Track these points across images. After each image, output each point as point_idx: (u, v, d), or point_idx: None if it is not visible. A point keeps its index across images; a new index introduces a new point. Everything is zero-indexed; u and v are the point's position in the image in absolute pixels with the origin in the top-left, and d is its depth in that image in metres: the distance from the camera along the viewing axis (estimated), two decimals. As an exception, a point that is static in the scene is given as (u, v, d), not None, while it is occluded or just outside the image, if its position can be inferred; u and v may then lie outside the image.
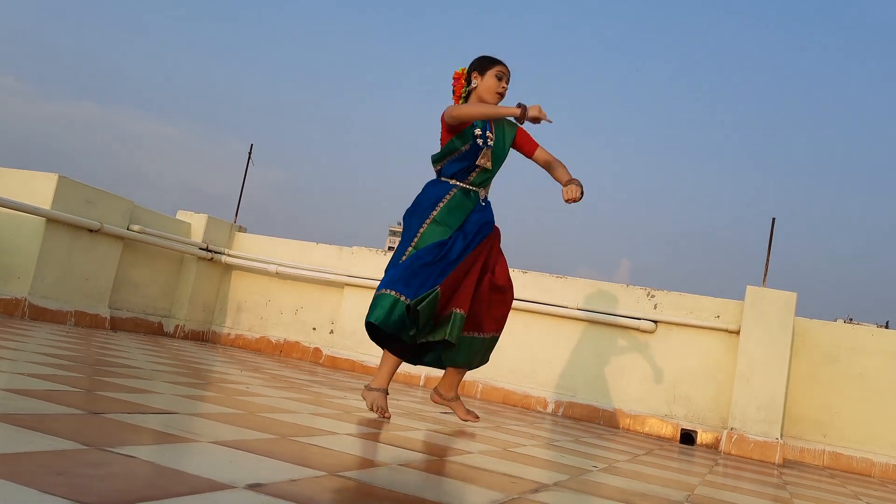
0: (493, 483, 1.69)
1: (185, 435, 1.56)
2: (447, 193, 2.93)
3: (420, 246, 2.84)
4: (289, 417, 2.19)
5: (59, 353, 2.86)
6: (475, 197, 2.97)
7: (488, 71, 2.98)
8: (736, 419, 4.45)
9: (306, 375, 4.29)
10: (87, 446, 1.25)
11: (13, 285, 4.80)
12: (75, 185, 5.05)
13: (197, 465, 1.29)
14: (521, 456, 2.33)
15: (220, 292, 6.52)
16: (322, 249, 6.28)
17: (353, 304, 5.92)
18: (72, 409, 1.61)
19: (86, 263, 5.21)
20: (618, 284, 5.24)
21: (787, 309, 4.54)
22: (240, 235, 6.59)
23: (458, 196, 2.93)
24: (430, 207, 2.91)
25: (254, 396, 2.62)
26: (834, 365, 4.73)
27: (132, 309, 5.82)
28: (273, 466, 1.37)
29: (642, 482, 2.21)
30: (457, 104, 2.96)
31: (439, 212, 2.89)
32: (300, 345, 6.11)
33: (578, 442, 3.25)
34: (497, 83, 2.97)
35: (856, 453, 4.53)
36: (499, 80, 2.97)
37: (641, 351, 5.00)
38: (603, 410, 4.93)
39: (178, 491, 1.06)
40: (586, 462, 2.51)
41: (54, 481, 0.98)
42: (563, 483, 1.89)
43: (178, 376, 2.88)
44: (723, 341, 4.84)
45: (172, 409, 1.95)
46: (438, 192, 2.94)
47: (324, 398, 3.08)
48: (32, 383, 1.91)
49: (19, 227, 4.84)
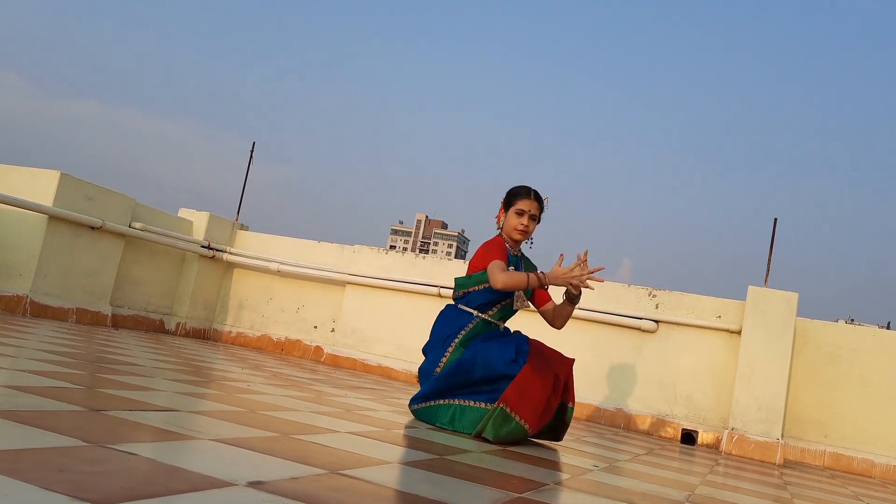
0: (493, 482, 1.69)
1: (186, 432, 1.56)
2: (468, 323, 2.91)
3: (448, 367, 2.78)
4: (290, 415, 2.19)
5: (61, 350, 2.86)
6: (496, 328, 2.97)
7: (511, 208, 2.99)
8: (737, 419, 4.45)
9: (307, 373, 4.29)
10: (89, 443, 1.25)
11: (15, 282, 4.81)
12: (77, 183, 5.06)
13: (198, 462, 1.29)
14: (522, 455, 2.33)
15: (222, 290, 6.52)
16: (324, 248, 6.28)
17: (354, 302, 5.92)
18: (73, 406, 1.61)
19: (87, 261, 5.22)
20: (619, 284, 5.24)
21: (788, 309, 4.54)
22: (241, 233, 6.59)
23: (479, 325, 2.92)
24: (453, 336, 2.88)
25: (255, 394, 2.62)
26: (835, 365, 4.72)
27: (133, 306, 5.82)
28: (274, 464, 1.37)
29: (643, 482, 2.21)
30: (502, 262, 2.85)
31: (460, 339, 2.87)
32: (301, 343, 6.12)
33: (579, 441, 3.25)
34: (517, 220, 2.97)
35: (856, 454, 4.52)
36: (519, 217, 2.97)
37: (642, 350, 4.99)
38: (604, 410, 4.93)
39: (178, 488, 1.06)
40: (587, 461, 2.51)
41: (55, 478, 0.99)
42: (564, 482, 1.89)
43: (179, 374, 2.89)
44: (724, 341, 4.84)
45: (173, 406, 1.95)
46: (460, 322, 2.91)
47: (325, 396, 3.08)
48: (34, 380, 1.91)
49: (21, 224, 4.85)
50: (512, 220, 2.98)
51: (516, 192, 3.01)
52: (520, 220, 2.97)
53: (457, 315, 2.95)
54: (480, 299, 2.93)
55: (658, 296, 5.07)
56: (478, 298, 2.94)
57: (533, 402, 2.59)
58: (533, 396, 2.59)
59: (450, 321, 2.94)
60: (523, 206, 2.97)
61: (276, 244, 6.44)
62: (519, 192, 3.00)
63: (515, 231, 2.98)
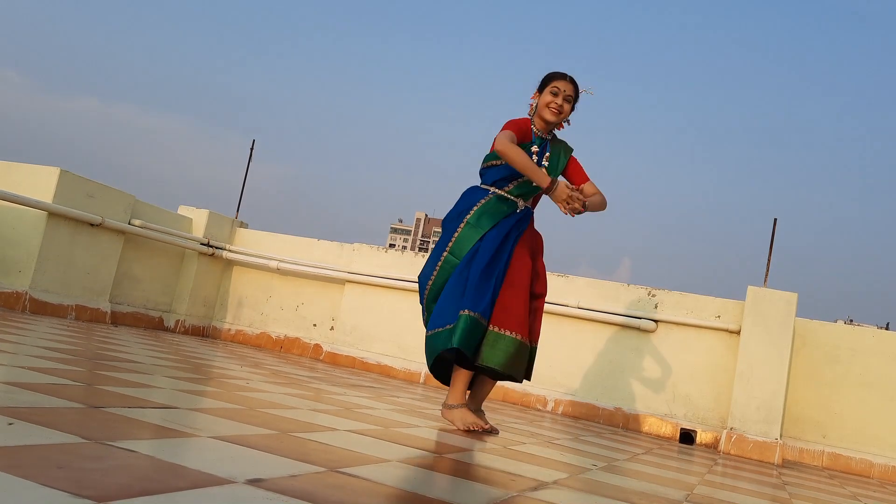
0: (492, 480, 1.69)
1: (185, 429, 1.56)
2: (482, 198, 2.92)
3: (455, 250, 2.83)
4: (289, 413, 2.19)
5: (60, 347, 2.86)
6: (512, 205, 2.92)
7: (546, 88, 2.97)
8: (735, 419, 4.45)
9: (306, 371, 4.29)
10: (88, 440, 1.25)
11: (14, 279, 4.80)
12: (77, 180, 5.05)
13: (197, 459, 1.29)
14: (521, 454, 2.33)
15: (221, 288, 6.52)
16: (323, 246, 6.28)
17: (353, 300, 5.92)
18: (72, 403, 1.61)
19: (87, 257, 5.21)
20: (619, 283, 5.24)
21: (787, 309, 4.54)
22: (241, 231, 6.59)
23: (492, 201, 2.90)
24: (465, 212, 2.90)
25: (254, 392, 2.62)
26: (834, 366, 4.73)
27: (133, 303, 5.82)
28: (273, 462, 1.38)
29: (641, 481, 2.21)
30: (512, 133, 2.84)
31: (472, 215, 2.87)
32: (300, 341, 6.12)
33: (578, 440, 3.25)
34: (551, 99, 2.93)
35: (855, 454, 4.53)
36: (554, 97, 2.94)
37: (642, 350, 5.00)
38: (603, 409, 4.93)
39: (177, 485, 1.06)
40: (586, 460, 2.51)
41: (55, 474, 0.99)
42: (562, 481, 1.89)
43: (178, 371, 2.89)
44: (723, 341, 4.84)
45: (172, 403, 1.95)
46: (473, 198, 2.93)
47: (324, 394, 3.08)
48: (33, 377, 1.91)
49: (21, 221, 4.85)
50: (546, 97, 2.95)
51: (553, 74, 2.99)
52: (554, 99, 2.93)
53: (473, 192, 2.97)
54: (495, 175, 2.93)
55: (658, 295, 5.07)
56: (492, 175, 2.94)
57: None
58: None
59: (465, 198, 2.96)
60: (559, 86, 2.94)
61: (276, 242, 6.44)
62: (556, 74, 2.98)
63: (548, 109, 2.94)
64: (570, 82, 2.95)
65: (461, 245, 2.83)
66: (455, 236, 2.86)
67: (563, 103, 2.93)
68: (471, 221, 2.85)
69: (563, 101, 2.94)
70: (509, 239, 2.84)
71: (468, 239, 2.82)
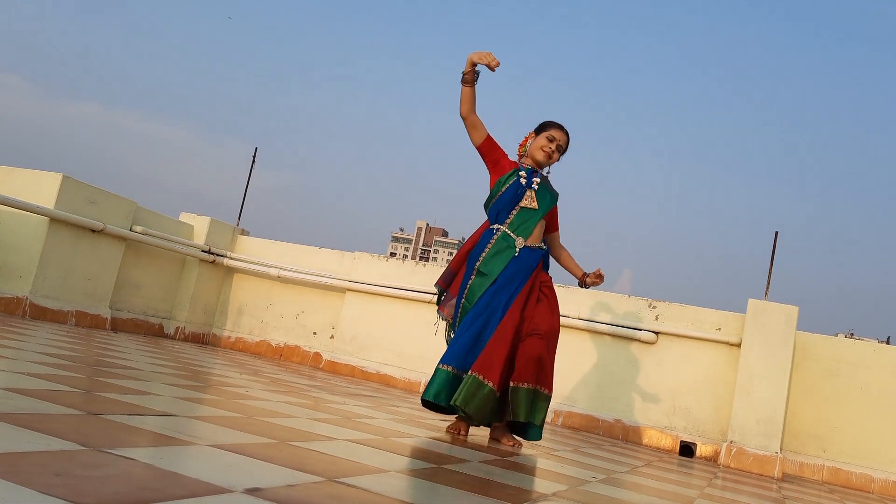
0: (491, 492, 1.69)
1: (184, 438, 1.56)
2: (490, 240, 3.08)
3: (469, 297, 3.02)
4: (288, 422, 2.19)
5: (60, 353, 2.86)
6: (512, 244, 3.04)
7: (543, 132, 3.17)
8: (735, 432, 4.44)
9: (306, 380, 4.28)
10: (86, 447, 1.25)
11: (15, 284, 4.80)
12: (79, 185, 5.06)
13: (195, 468, 1.28)
14: (520, 465, 2.32)
15: (222, 295, 6.52)
16: (324, 254, 6.28)
17: (353, 309, 5.92)
18: (71, 410, 1.61)
19: (88, 263, 5.22)
20: (619, 295, 5.23)
21: (788, 323, 4.53)
22: (242, 238, 6.59)
23: (499, 240, 3.06)
24: (476, 258, 3.07)
25: (253, 400, 2.61)
26: (834, 379, 4.71)
27: (133, 310, 5.82)
28: (271, 471, 1.37)
29: (641, 494, 2.20)
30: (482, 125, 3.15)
31: (482, 261, 3.04)
32: (300, 349, 6.11)
33: (578, 452, 3.24)
34: (546, 143, 3.14)
35: (855, 469, 4.51)
36: (549, 142, 3.14)
37: (642, 362, 4.99)
38: (602, 421, 4.92)
39: (175, 494, 1.06)
40: (585, 472, 2.50)
41: (52, 482, 0.98)
42: (561, 493, 1.88)
43: (177, 378, 2.88)
44: (724, 354, 4.83)
45: (171, 411, 1.94)
46: (483, 242, 3.10)
47: (323, 403, 3.07)
48: (32, 383, 1.91)
49: (22, 226, 4.85)
50: (541, 140, 3.15)
51: (552, 123, 3.20)
52: (548, 144, 3.13)
53: (486, 235, 3.13)
54: (494, 210, 3.12)
55: (658, 307, 5.06)
56: (492, 211, 3.13)
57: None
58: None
59: (483, 239, 3.13)
60: (555, 135, 3.15)
61: (277, 250, 6.44)
62: (555, 123, 3.19)
63: (541, 151, 3.13)
64: (565, 134, 3.19)
65: (473, 293, 3.02)
66: (469, 284, 3.05)
67: (554, 151, 3.15)
68: (481, 269, 3.03)
69: (556, 150, 3.15)
70: (513, 284, 2.99)
71: (479, 287, 3.01)
